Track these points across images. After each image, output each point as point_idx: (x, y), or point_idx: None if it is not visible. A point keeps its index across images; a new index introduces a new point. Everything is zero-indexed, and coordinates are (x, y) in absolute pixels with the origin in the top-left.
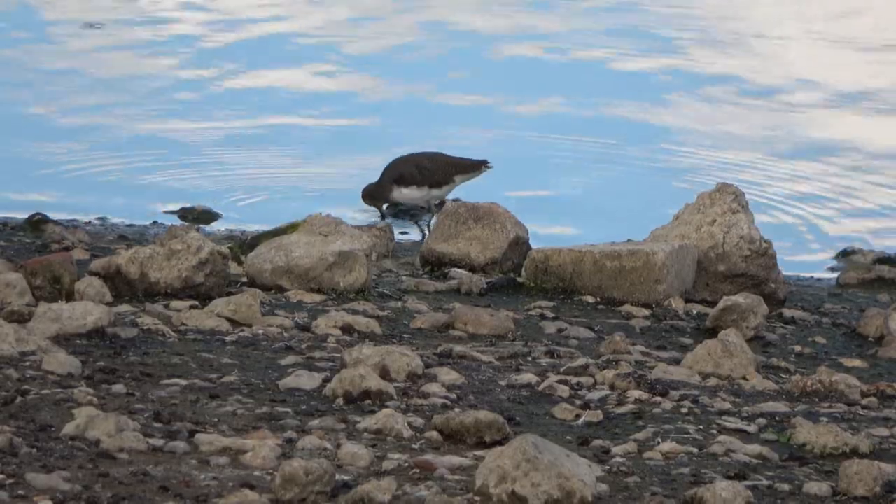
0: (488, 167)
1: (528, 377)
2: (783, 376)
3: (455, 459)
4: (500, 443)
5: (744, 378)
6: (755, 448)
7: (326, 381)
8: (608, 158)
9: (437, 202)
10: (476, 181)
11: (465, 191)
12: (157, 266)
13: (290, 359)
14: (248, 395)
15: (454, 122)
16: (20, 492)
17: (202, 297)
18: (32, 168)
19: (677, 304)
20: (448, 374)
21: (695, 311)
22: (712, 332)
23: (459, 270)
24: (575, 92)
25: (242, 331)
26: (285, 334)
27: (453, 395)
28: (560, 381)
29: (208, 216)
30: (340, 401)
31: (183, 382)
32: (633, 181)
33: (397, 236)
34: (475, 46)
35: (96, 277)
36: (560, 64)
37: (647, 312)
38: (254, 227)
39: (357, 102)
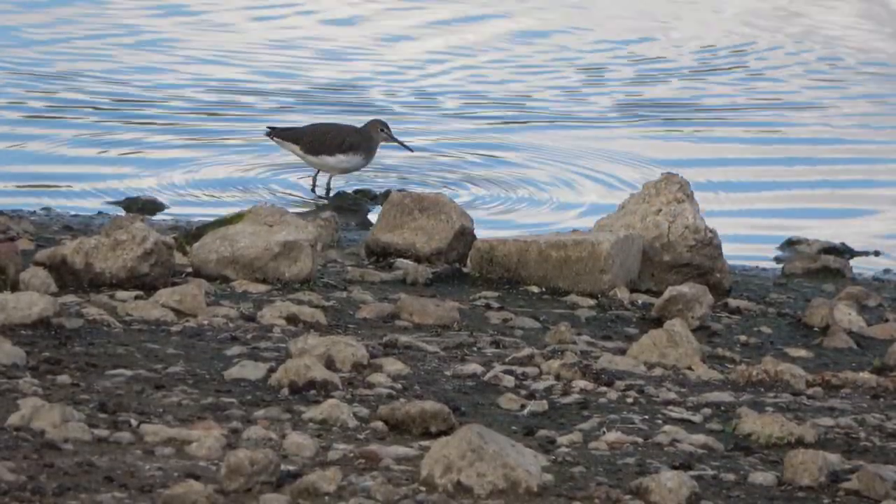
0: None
1: (473, 367)
2: (728, 366)
3: (401, 449)
4: (445, 433)
5: (689, 368)
6: (700, 438)
7: (272, 371)
8: None
9: (317, 172)
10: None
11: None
12: (102, 256)
13: (235, 349)
14: (193, 385)
15: None
16: None
17: (147, 287)
18: None
19: (623, 293)
20: (393, 365)
21: (640, 301)
22: (658, 322)
23: (405, 260)
24: None
25: (188, 321)
26: (230, 324)
27: (399, 386)
28: (505, 371)
29: (153, 206)
30: (286, 391)
31: (128, 373)
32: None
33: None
34: None
35: (41, 268)
36: None
37: (592, 302)
38: (198, 217)
39: None
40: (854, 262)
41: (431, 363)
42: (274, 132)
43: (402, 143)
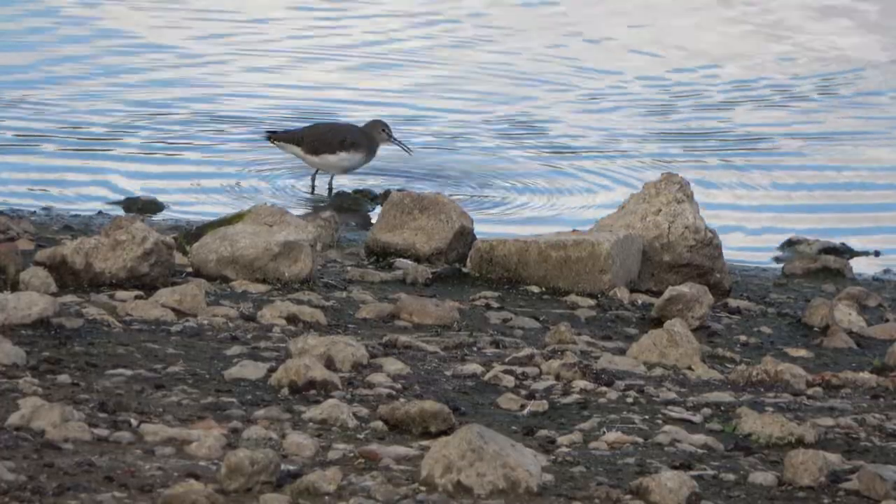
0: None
1: (473, 367)
2: (728, 366)
3: (400, 449)
4: (445, 433)
5: (689, 368)
6: (700, 438)
7: (272, 371)
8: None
9: (315, 172)
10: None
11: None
12: (102, 256)
13: (235, 349)
14: (193, 385)
15: None
16: None
17: (147, 287)
18: None
19: (623, 294)
20: (393, 364)
21: (640, 301)
22: (658, 322)
23: (405, 260)
24: None
25: (187, 321)
26: (230, 324)
27: (398, 385)
28: (505, 371)
29: (153, 206)
30: (286, 391)
31: (128, 372)
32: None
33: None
34: None
35: (41, 268)
36: None
37: (592, 302)
38: (198, 217)
39: None
40: (854, 262)
41: (431, 363)
42: (274, 136)
43: (401, 144)
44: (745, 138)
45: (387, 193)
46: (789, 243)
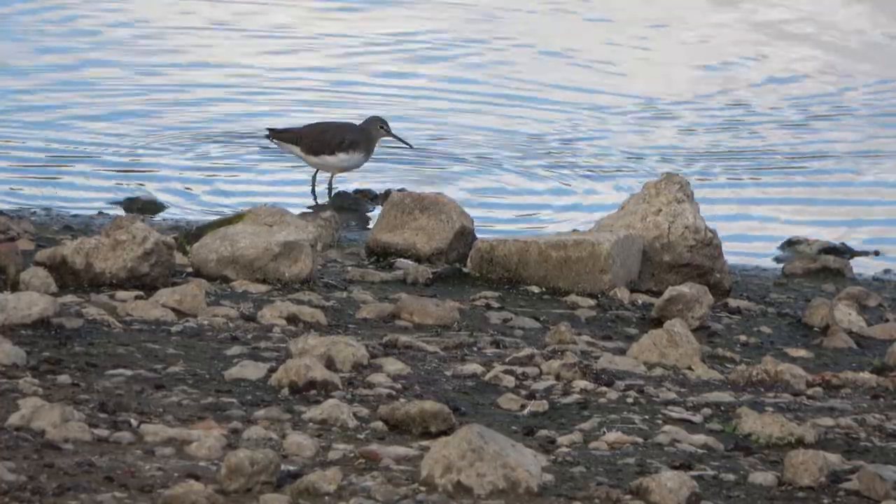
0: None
1: (473, 367)
2: (728, 366)
3: (401, 450)
4: (445, 433)
5: (689, 368)
6: (700, 438)
7: (272, 371)
8: None
9: (316, 171)
10: None
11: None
12: (102, 256)
13: (235, 349)
14: (193, 385)
15: None
16: None
17: (147, 287)
18: None
19: (623, 294)
20: (393, 365)
21: (640, 301)
22: (658, 322)
23: (405, 260)
24: None
25: (188, 321)
26: (230, 324)
27: (399, 385)
28: (505, 371)
29: (153, 206)
30: (286, 391)
31: (128, 373)
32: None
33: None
34: None
35: (42, 268)
36: None
37: (592, 302)
38: (199, 217)
39: None
40: (854, 262)
41: (431, 363)
42: (273, 134)
43: (402, 140)
44: (746, 141)
45: (387, 193)
46: (789, 243)
